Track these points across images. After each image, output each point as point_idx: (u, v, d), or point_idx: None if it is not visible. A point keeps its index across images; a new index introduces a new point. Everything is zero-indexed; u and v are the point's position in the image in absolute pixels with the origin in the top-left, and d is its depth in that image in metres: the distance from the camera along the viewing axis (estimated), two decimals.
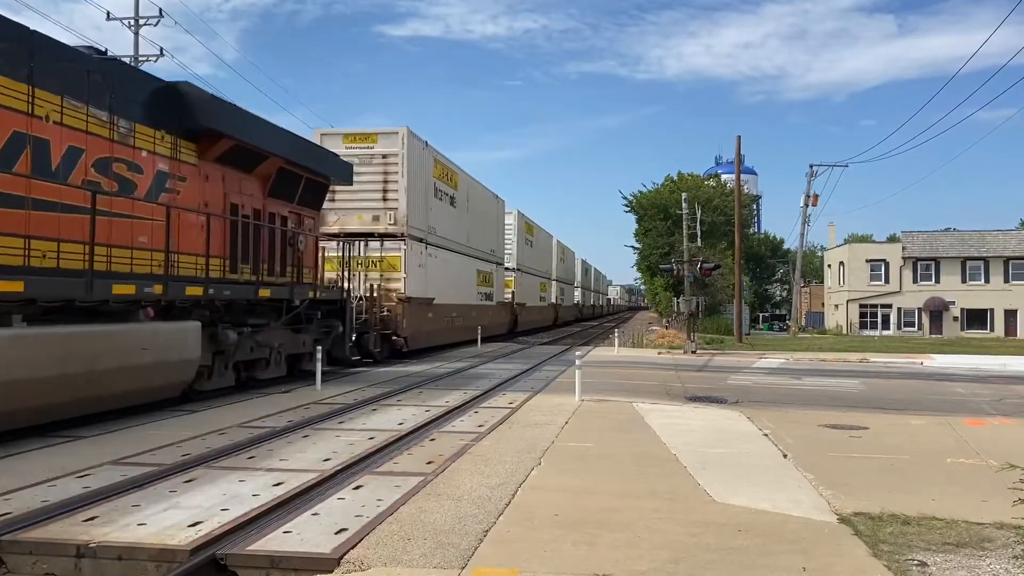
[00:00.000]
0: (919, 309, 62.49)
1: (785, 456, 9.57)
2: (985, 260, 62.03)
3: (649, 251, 62.23)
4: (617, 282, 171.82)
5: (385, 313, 22.60)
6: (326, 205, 20.53)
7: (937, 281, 62.65)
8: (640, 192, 65.43)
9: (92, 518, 6.35)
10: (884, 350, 35.59)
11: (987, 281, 61.80)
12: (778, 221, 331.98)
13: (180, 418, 11.80)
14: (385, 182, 23.20)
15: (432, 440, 10.25)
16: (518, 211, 43.67)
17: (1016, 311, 60.91)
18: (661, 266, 43.71)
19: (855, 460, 9.37)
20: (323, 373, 16.12)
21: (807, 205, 55.74)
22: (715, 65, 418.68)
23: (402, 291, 23.04)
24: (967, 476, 8.63)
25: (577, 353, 18.10)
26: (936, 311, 62.02)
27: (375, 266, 23.00)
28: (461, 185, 30.65)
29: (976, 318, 61.45)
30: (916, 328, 62.13)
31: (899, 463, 9.23)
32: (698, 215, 51.89)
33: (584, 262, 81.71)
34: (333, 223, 23.09)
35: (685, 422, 12.35)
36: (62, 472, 7.92)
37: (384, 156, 23.34)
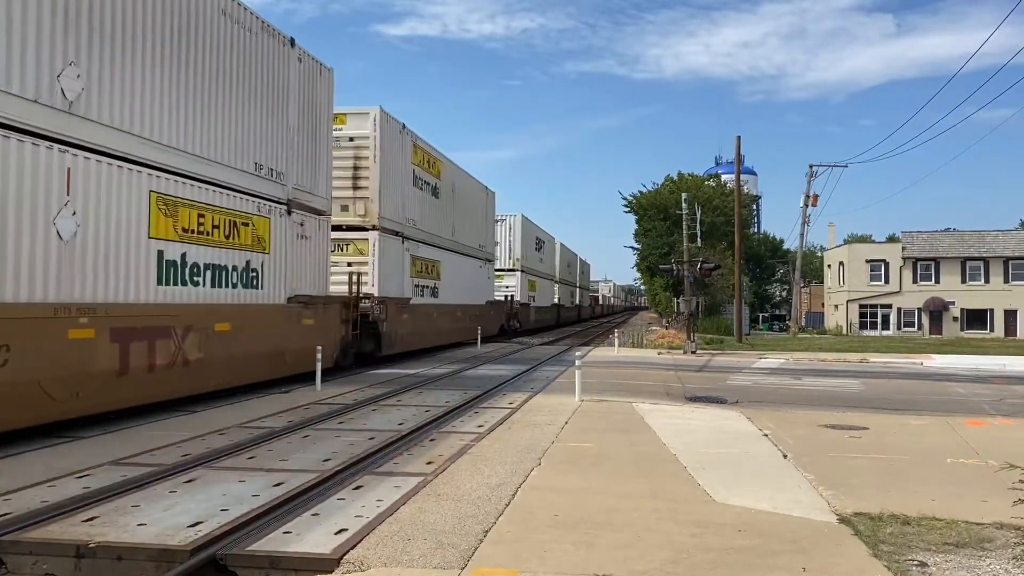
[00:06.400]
0: (919, 309, 62.46)
1: (785, 456, 9.57)
2: (985, 260, 61.99)
3: (649, 251, 62.28)
4: (618, 282, 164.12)
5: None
6: None
7: (937, 281, 62.61)
8: (640, 192, 65.50)
9: (92, 518, 6.35)
10: (884, 350, 35.58)
11: (987, 281, 61.76)
12: (778, 221, 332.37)
13: (180, 418, 11.81)
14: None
15: (432, 440, 10.25)
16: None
17: (1016, 311, 60.87)
18: (661, 266, 43.63)
19: (855, 460, 9.37)
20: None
21: (807, 205, 55.74)
22: (713, 64, 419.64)
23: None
24: (967, 476, 8.63)
25: (577, 353, 18.11)
26: (936, 311, 61.99)
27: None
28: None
29: (976, 318, 61.40)
30: (916, 328, 62.09)
31: (899, 463, 9.23)
32: (698, 215, 51.95)
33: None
34: None
35: (685, 422, 12.35)
36: (62, 472, 7.93)
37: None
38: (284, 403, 13.52)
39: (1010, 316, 61.02)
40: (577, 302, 72.12)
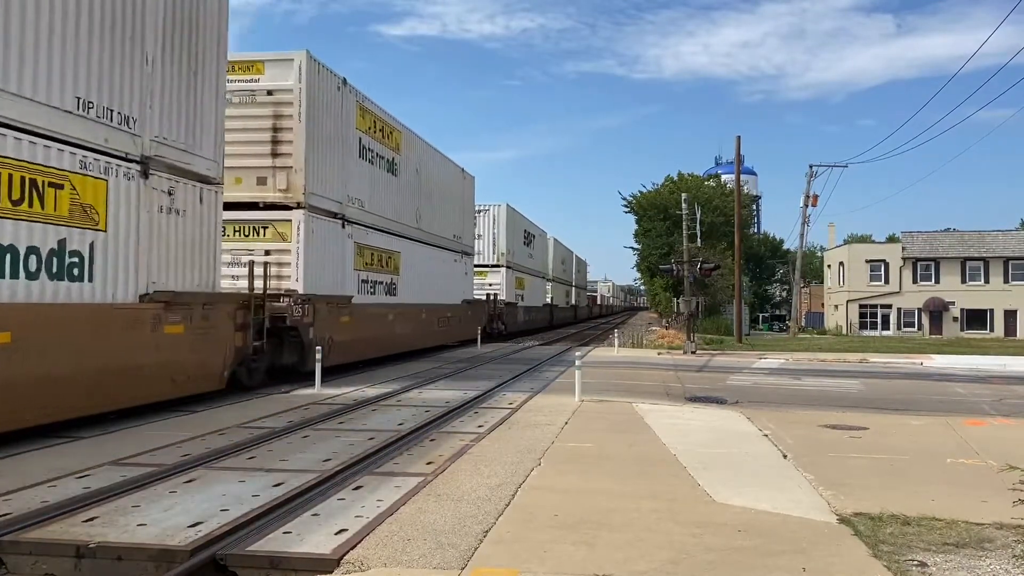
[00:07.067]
0: (919, 309, 62.49)
1: (785, 456, 9.57)
2: (985, 260, 62.03)
3: (649, 251, 62.29)
4: (617, 282, 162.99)
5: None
6: None
7: (937, 281, 62.65)
8: (640, 193, 65.54)
9: (92, 518, 6.35)
10: (884, 350, 35.58)
11: (987, 281, 61.80)
12: (778, 221, 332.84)
13: (180, 418, 11.81)
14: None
15: (432, 440, 10.25)
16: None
17: (1016, 311, 60.90)
18: (661, 266, 43.59)
19: (855, 460, 9.37)
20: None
21: (807, 205, 55.75)
22: (713, 64, 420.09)
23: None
24: (967, 476, 8.63)
25: (577, 354, 18.10)
26: (936, 311, 62.02)
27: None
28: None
29: (976, 318, 61.44)
30: (916, 328, 62.13)
31: (899, 463, 9.23)
32: (698, 215, 51.97)
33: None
34: None
35: (685, 422, 12.35)
36: (62, 472, 7.92)
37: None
38: (284, 403, 13.52)
39: (1010, 316, 61.06)
40: (573, 302, 67.86)
